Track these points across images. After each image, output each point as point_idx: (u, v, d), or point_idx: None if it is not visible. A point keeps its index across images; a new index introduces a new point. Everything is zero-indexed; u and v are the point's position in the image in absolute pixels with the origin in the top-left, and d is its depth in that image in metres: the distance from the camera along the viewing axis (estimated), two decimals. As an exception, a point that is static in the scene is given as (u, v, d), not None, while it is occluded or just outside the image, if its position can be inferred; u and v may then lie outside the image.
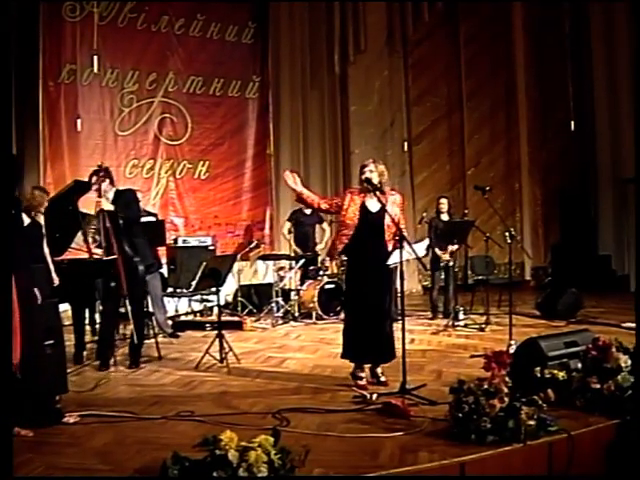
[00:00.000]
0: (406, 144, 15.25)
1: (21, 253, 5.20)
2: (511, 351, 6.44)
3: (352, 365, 6.84)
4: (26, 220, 7.41)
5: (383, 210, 6.62)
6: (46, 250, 7.66)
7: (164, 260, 11.05)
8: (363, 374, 6.76)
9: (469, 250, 11.78)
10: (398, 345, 6.58)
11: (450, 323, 10.06)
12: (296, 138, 14.30)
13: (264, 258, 12.64)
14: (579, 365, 5.80)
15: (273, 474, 4.03)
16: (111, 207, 7.75)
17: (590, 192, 16.26)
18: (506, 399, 4.86)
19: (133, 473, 4.43)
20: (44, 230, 7.68)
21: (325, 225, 12.02)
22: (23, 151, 11.35)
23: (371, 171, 6.70)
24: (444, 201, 11.14)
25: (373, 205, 6.71)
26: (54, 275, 7.55)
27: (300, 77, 14.37)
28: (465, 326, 10.03)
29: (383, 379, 6.73)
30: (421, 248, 6.88)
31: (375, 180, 6.67)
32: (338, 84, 14.76)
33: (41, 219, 7.70)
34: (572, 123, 15.74)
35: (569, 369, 5.76)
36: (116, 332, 8.54)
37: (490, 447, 4.68)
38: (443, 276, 10.85)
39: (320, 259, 11.73)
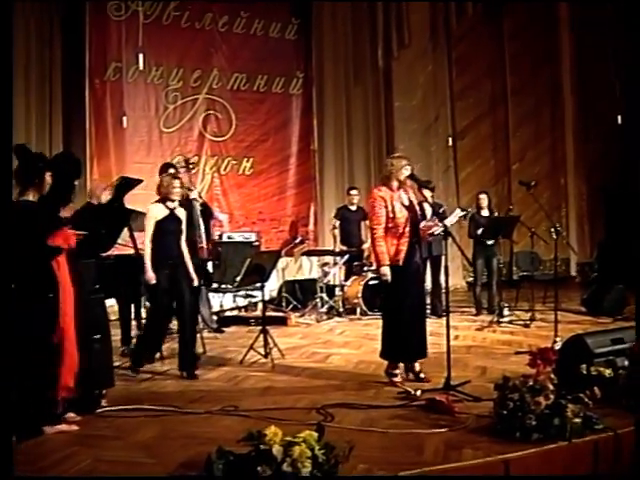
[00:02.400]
0: (450, 139, 15.19)
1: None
2: (556, 348, 6.38)
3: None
4: (163, 212, 7.08)
5: (412, 202, 6.63)
6: (184, 246, 7.26)
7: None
8: (398, 371, 6.71)
9: (514, 246, 11.67)
10: (441, 341, 6.56)
11: (495, 319, 9.98)
12: (340, 134, 14.30)
13: (308, 254, 12.64)
14: (625, 363, 5.72)
15: (317, 469, 4.04)
16: (199, 199, 7.89)
17: (637, 188, 16.01)
18: (551, 396, 4.81)
19: (178, 467, 4.46)
20: (183, 224, 7.25)
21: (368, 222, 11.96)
22: (69, 148, 11.50)
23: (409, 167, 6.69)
24: (484, 197, 11.08)
25: (404, 199, 6.68)
26: (192, 274, 7.20)
27: (343, 73, 14.36)
28: (510, 322, 9.94)
29: (422, 376, 6.67)
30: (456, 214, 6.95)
31: None
32: (382, 79, 14.74)
33: (180, 212, 7.25)
34: (619, 118, 15.49)
35: (615, 366, 5.68)
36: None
37: (535, 445, 4.64)
38: (486, 272, 10.82)
39: (365, 255, 11.67)
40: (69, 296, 5.24)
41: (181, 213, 7.28)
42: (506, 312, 10.23)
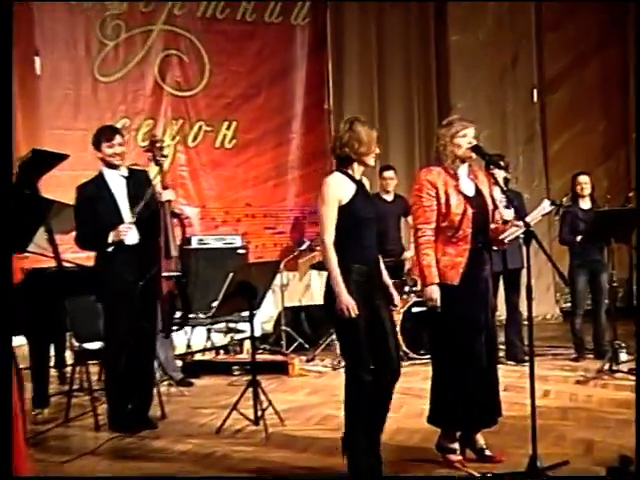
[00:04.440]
0: (536, 92, 15.16)
1: None
2: (701, 411, 6.35)
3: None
4: (350, 188, 6.14)
5: (480, 190, 6.54)
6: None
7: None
8: (456, 445, 6.67)
9: (635, 255, 11.65)
10: (522, 400, 6.53)
11: (605, 367, 9.94)
12: (368, 85, 14.32)
13: (320, 267, 12.60)
14: None
15: None
16: (173, 196, 7.92)
17: None
18: (696, 486, 4.78)
19: None
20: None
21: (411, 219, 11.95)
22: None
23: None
24: (585, 179, 10.91)
25: (468, 187, 6.58)
26: (391, 286, 6.54)
27: (373, -8, 14.40)
28: (629, 372, 9.91)
29: (488, 453, 6.63)
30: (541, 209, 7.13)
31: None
32: (432, 3, 14.74)
33: (367, 183, 6.44)
34: None
35: None
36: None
37: None
38: (592, 295, 10.78)
39: (406, 268, 11.64)
40: None
41: (368, 186, 6.49)
42: (623, 356, 10.20)
